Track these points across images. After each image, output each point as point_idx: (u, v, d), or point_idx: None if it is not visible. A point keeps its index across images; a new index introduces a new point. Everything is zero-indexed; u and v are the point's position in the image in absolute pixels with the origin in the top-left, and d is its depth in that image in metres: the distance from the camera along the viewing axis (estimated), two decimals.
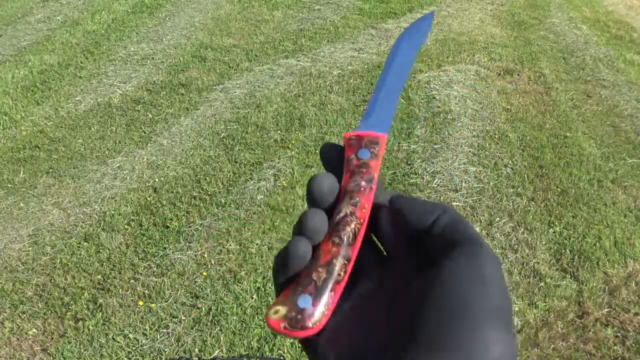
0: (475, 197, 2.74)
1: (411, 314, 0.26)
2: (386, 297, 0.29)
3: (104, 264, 2.34)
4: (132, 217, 2.59)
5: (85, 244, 2.44)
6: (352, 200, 0.31)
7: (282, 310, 0.28)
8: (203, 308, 2.14)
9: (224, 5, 5.17)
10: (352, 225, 0.30)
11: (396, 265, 0.31)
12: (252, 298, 2.18)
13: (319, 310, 0.28)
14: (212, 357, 1.92)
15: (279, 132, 3.24)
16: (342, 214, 0.30)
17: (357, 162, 0.32)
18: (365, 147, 0.33)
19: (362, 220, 0.30)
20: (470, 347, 0.23)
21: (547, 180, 2.90)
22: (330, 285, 0.29)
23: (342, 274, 0.29)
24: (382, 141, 0.33)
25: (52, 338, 2.04)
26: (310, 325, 0.28)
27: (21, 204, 2.69)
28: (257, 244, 2.43)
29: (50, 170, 2.93)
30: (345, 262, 0.29)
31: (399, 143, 3.16)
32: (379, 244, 0.33)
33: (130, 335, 2.04)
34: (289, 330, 0.28)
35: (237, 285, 2.23)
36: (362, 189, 0.31)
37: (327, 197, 0.31)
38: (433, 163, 2.99)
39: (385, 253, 0.33)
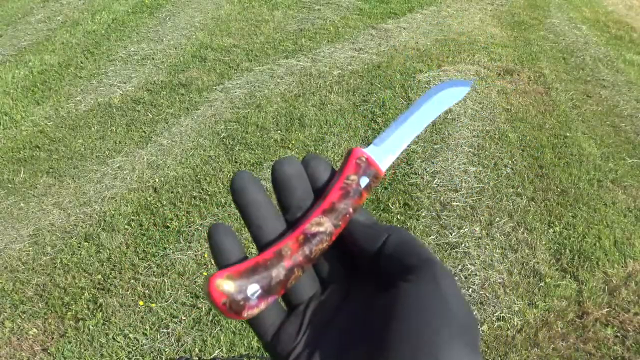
0: (475, 197, 2.75)
1: (377, 337, 0.26)
2: (353, 312, 0.30)
3: (104, 264, 2.34)
4: (132, 217, 2.59)
5: (85, 244, 2.45)
6: (336, 222, 0.30)
7: (230, 288, 0.27)
8: (203, 308, 2.14)
9: (224, 5, 5.17)
10: (324, 245, 0.30)
11: (363, 280, 0.31)
12: None
13: (260, 307, 0.28)
14: (212, 357, 1.93)
15: (279, 132, 3.24)
16: (321, 229, 0.29)
17: (356, 186, 0.31)
18: (367, 176, 0.32)
19: (330, 243, 0.30)
20: None
21: (547, 180, 2.90)
22: (279, 289, 0.29)
23: (292, 282, 0.29)
24: (379, 178, 0.33)
25: (53, 338, 2.04)
26: (245, 315, 0.28)
27: (21, 204, 2.70)
28: None
29: (51, 170, 2.93)
30: (300, 273, 0.29)
31: None
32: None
33: (131, 335, 2.04)
34: (225, 309, 0.27)
35: None
36: (347, 215, 0.30)
37: (292, 183, 0.30)
38: (433, 163, 2.99)
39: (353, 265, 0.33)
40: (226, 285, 0.27)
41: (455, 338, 0.24)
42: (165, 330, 2.06)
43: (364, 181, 0.32)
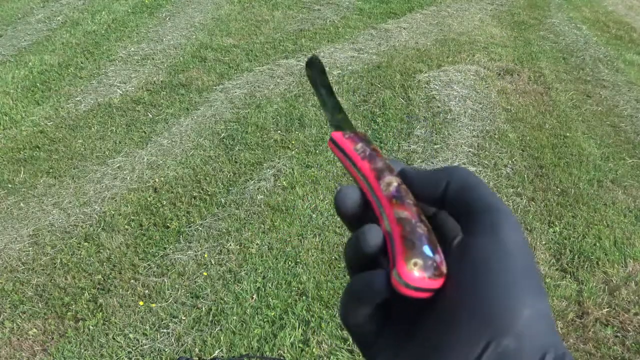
0: None
1: (443, 296, 0.26)
2: None
3: (104, 264, 2.34)
4: (132, 217, 2.59)
5: (85, 244, 2.44)
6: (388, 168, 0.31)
7: (419, 261, 0.26)
8: (203, 308, 2.14)
9: (224, 5, 5.17)
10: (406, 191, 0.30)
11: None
12: (252, 298, 2.18)
13: (441, 257, 0.27)
14: (212, 357, 1.93)
15: (279, 132, 3.24)
16: (395, 183, 0.30)
17: (363, 148, 0.33)
18: (359, 140, 0.34)
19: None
20: (494, 317, 0.23)
21: (547, 180, 2.90)
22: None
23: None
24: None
25: (52, 338, 2.04)
26: (445, 271, 0.26)
27: (21, 204, 2.70)
28: (257, 244, 2.43)
29: (51, 170, 2.93)
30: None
31: (399, 143, 3.16)
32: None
33: (131, 335, 2.04)
34: (432, 279, 0.26)
35: (237, 285, 2.23)
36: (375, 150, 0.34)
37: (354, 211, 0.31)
38: (433, 163, 2.99)
39: None
40: (416, 262, 0.26)
41: (518, 282, 0.24)
42: (165, 330, 2.06)
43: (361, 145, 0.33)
